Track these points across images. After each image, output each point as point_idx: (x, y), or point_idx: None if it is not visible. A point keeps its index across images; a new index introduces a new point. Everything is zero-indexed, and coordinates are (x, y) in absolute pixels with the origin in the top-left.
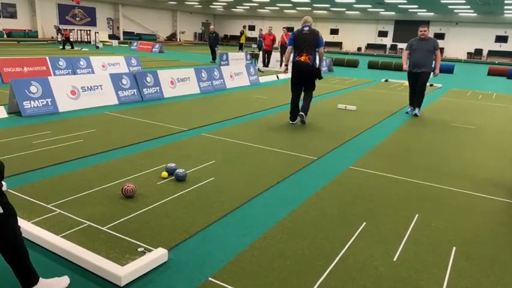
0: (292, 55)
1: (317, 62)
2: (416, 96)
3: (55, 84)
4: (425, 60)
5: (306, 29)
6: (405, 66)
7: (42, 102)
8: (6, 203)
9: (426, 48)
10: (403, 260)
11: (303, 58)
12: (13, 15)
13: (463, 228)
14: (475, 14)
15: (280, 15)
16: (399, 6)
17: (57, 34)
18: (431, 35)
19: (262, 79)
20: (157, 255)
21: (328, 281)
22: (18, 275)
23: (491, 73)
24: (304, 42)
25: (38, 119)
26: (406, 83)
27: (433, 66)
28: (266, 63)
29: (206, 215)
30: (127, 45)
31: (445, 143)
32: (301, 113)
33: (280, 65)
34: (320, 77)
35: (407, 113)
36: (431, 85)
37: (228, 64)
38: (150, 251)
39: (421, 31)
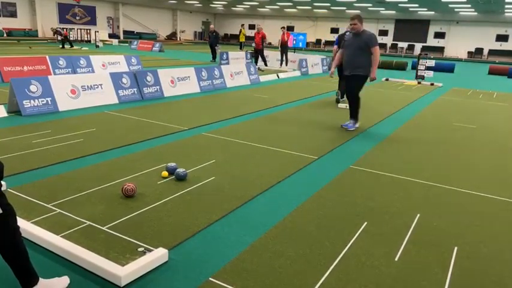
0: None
1: None
2: (349, 105)
3: (55, 84)
4: (354, 59)
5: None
6: (332, 70)
7: (42, 101)
8: (5, 203)
9: (357, 45)
10: (404, 260)
11: None
12: (13, 15)
13: (465, 228)
14: (476, 13)
15: (280, 14)
16: (400, 5)
17: (56, 37)
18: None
19: (263, 78)
20: (158, 255)
21: (329, 280)
22: (17, 275)
23: (491, 72)
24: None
25: (37, 118)
26: (408, 82)
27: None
28: (264, 63)
29: (206, 214)
30: (127, 44)
31: (446, 143)
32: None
33: (281, 64)
34: None
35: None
36: (431, 84)
37: (228, 63)
38: (150, 250)
39: (350, 24)
